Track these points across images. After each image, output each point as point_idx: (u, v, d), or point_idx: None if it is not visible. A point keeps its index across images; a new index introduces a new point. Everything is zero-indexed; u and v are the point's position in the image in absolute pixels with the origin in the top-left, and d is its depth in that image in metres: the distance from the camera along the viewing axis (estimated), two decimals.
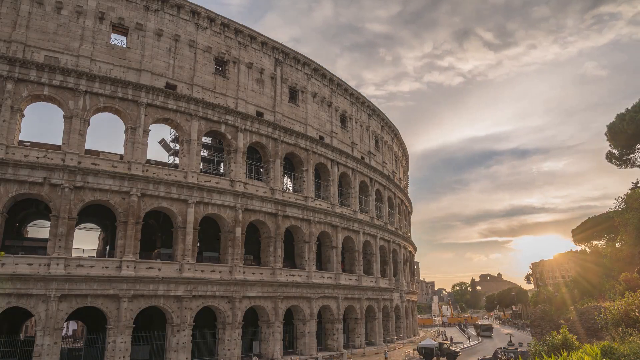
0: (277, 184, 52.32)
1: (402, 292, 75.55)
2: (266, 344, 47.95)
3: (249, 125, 50.98)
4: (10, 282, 34.07)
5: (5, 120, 36.96)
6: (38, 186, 37.22)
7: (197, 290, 42.56)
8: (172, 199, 43.20)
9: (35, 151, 38.10)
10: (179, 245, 43.21)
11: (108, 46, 43.19)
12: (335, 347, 55.13)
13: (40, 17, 40.36)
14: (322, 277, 55.16)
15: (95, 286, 37.36)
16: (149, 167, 43.08)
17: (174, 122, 45.86)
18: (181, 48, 47.80)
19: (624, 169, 64.92)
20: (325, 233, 57.91)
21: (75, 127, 39.53)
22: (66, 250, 37.14)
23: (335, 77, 66.01)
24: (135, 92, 42.81)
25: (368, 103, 74.59)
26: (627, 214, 52.76)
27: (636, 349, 13.15)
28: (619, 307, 22.95)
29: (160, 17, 46.97)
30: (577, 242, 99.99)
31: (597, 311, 32.29)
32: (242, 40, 53.53)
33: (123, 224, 40.27)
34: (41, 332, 34.74)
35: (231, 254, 46.48)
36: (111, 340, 37.34)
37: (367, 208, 68.80)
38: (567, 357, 12.21)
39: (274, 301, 48.76)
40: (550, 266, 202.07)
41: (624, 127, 58.66)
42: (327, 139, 62.03)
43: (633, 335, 18.45)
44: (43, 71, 38.84)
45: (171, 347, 40.34)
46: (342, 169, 63.57)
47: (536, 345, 24.43)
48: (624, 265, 56.87)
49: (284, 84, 57.58)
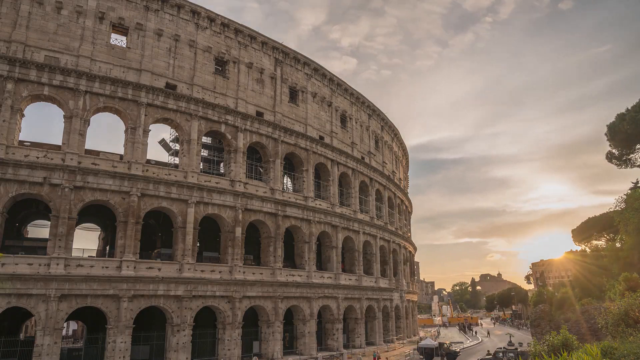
0: (277, 184, 52.32)
1: (402, 292, 75.55)
2: (266, 344, 47.94)
3: (249, 125, 50.98)
4: (10, 282, 34.06)
5: (5, 120, 36.96)
6: (38, 186, 37.22)
7: (197, 290, 42.56)
8: (172, 199, 43.20)
9: (35, 151, 38.10)
10: (179, 245, 43.21)
11: (108, 46, 43.19)
12: (335, 347, 55.13)
13: (40, 17, 40.36)
14: (322, 277, 55.16)
15: (95, 286, 37.36)
16: (149, 167, 43.08)
17: (174, 122, 45.86)
18: (181, 48, 47.80)
19: (624, 169, 64.88)
20: (325, 233, 57.91)
21: (75, 127, 39.52)
22: (66, 250, 37.14)
23: (335, 77, 66.03)
24: (135, 92, 42.81)
25: (368, 103, 74.59)
26: (627, 214, 52.73)
27: (636, 349, 13.15)
28: (619, 307, 22.94)
29: (160, 17, 46.97)
30: (577, 242, 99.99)
31: (597, 311, 32.29)
32: (242, 40, 53.53)
33: (123, 224, 40.27)
34: (41, 332, 34.74)
35: (231, 254, 46.48)
36: (111, 340, 37.34)
37: (367, 208, 68.80)
38: (567, 357, 12.21)
39: (274, 301, 48.76)
40: (551, 266, 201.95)
41: (624, 127, 58.67)
42: (327, 139, 62.03)
43: (633, 335, 18.45)
44: (43, 71, 38.84)
45: (171, 347, 40.35)
46: (342, 169, 63.57)
47: (536, 345, 24.42)
48: (624, 265, 56.85)
49: (284, 84, 57.59)
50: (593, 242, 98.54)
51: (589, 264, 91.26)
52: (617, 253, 60.59)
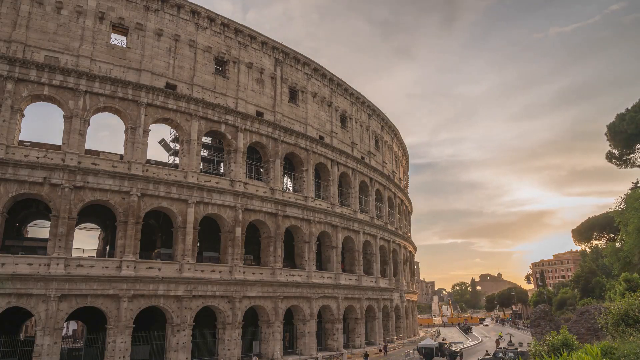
0: (277, 184, 52.32)
1: (402, 292, 75.56)
2: (266, 343, 47.94)
3: (249, 125, 50.97)
4: (10, 282, 34.07)
5: (5, 120, 36.95)
6: (38, 186, 37.21)
7: (197, 290, 42.55)
8: (172, 198, 43.20)
9: (35, 151, 38.09)
10: (179, 245, 43.21)
11: (108, 46, 43.18)
12: (335, 347, 55.13)
13: (40, 17, 40.35)
14: (322, 277, 55.16)
15: (95, 286, 37.36)
16: (149, 167, 43.07)
17: (174, 122, 45.86)
18: (181, 48, 47.80)
19: (624, 169, 64.88)
20: (325, 233, 57.91)
21: (75, 127, 39.52)
22: (66, 250, 37.14)
23: (335, 77, 66.04)
24: (135, 92, 42.81)
25: (368, 103, 74.60)
26: (627, 214, 52.75)
27: (636, 349, 13.15)
28: (619, 307, 22.92)
29: (160, 17, 46.97)
30: (577, 242, 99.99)
31: (597, 311, 32.29)
32: (242, 40, 53.53)
33: (123, 224, 40.27)
34: (41, 332, 34.73)
35: (231, 254, 46.48)
36: (111, 340, 37.33)
37: (367, 208, 68.81)
38: (567, 357, 12.21)
39: (274, 301, 48.76)
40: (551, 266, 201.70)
41: (624, 127, 58.71)
42: (327, 138, 62.04)
43: (633, 335, 18.45)
44: (43, 71, 38.83)
45: (171, 347, 40.35)
46: (342, 169, 63.57)
47: (536, 345, 24.40)
48: (624, 265, 56.85)
49: (284, 84, 57.59)
50: (593, 242, 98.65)
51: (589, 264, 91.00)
52: (617, 253, 60.59)
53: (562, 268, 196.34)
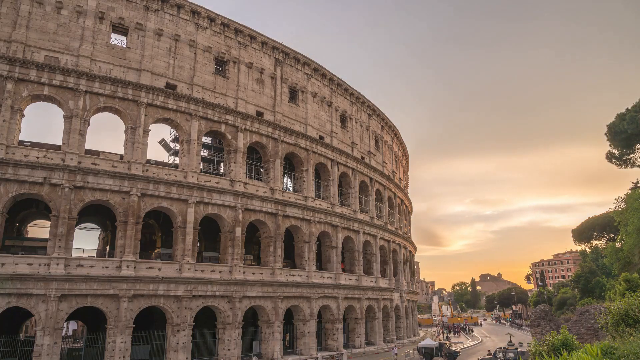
0: (277, 184, 52.31)
1: (402, 292, 75.54)
2: (266, 343, 47.94)
3: (249, 125, 50.97)
4: (10, 282, 34.06)
5: (5, 120, 36.95)
6: (38, 186, 37.20)
7: (197, 290, 42.55)
8: (172, 198, 43.19)
9: (35, 151, 38.08)
10: (179, 245, 43.20)
11: (108, 46, 43.18)
12: (335, 347, 55.12)
13: (40, 17, 40.35)
14: (322, 277, 55.15)
15: (95, 286, 37.36)
16: (149, 167, 43.06)
17: (174, 122, 45.85)
18: (181, 48, 47.79)
19: (623, 169, 64.89)
20: (325, 233, 57.91)
21: (75, 127, 39.51)
22: (66, 250, 37.13)
23: (335, 77, 66.03)
24: (135, 92, 42.80)
25: (368, 103, 74.59)
26: (627, 214, 52.76)
27: (636, 349, 13.13)
28: (619, 307, 22.87)
29: (160, 17, 46.96)
30: (577, 242, 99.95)
31: (597, 311, 32.27)
32: (242, 40, 53.53)
33: (123, 224, 40.26)
34: (41, 332, 34.73)
35: (231, 254, 46.48)
36: (111, 340, 37.33)
37: (367, 208, 68.79)
38: (567, 357, 12.20)
39: (274, 301, 48.76)
40: (551, 266, 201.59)
41: (624, 127, 58.70)
42: (327, 138, 62.03)
43: (633, 335, 18.43)
44: (43, 71, 38.82)
45: (171, 347, 40.34)
46: (342, 169, 63.56)
47: (536, 345, 24.37)
48: (624, 265, 56.85)
49: (284, 84, 57.58)
50: (593, 242, 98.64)
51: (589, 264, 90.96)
52: (617, 253, 60.60)
53: (562, 268, 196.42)
